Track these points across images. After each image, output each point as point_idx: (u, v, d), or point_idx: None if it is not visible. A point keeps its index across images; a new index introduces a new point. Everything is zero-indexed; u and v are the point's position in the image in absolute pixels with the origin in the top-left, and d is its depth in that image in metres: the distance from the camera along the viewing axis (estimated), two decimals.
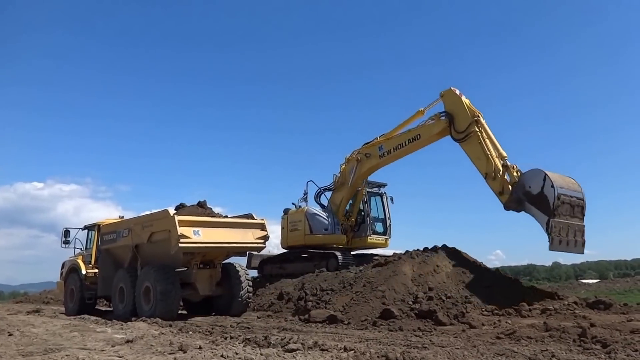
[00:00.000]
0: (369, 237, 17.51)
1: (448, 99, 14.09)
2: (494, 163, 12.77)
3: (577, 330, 7.50)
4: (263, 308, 13.71)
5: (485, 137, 13.17)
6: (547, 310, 10.11)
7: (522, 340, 7.23)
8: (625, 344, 6.49)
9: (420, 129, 14.86)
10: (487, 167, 12.85)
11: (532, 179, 11.73)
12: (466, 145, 13.42)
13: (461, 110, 13.61)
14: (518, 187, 12.05)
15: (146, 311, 11.35)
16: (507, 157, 12.81)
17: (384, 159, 15.89)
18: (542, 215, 11.34)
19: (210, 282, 12.48)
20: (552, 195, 11.08)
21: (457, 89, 14.02)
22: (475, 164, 13.24)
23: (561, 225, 11.08)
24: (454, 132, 13.70)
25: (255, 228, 12.43)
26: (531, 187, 11.68)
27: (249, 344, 6.64)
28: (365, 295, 11.24)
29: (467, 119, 13.40)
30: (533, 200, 11.59)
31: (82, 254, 15.41)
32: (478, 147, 13.11)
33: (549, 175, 11.31)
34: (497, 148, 13.05)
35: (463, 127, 13.46)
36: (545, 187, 11.28)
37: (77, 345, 6.92)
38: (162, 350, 6.25)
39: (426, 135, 14.65)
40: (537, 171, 11.65)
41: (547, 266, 67.21)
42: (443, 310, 9.93)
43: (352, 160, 16.88)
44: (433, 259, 12.38)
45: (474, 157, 13.25)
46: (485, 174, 12.88)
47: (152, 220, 11.97)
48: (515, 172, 12.47)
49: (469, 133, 13.30)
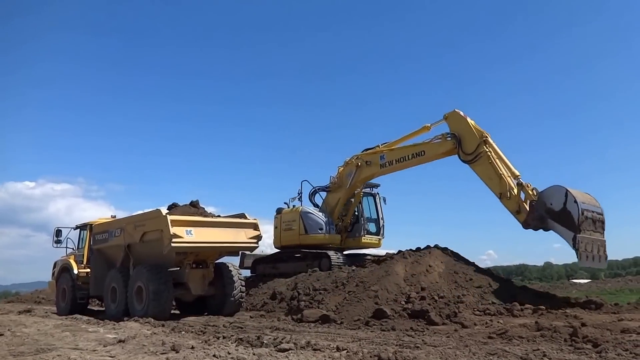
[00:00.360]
0: (362, 237, 17.54)
1: (453, 121, 13.98)
2: (507, 182, 12.61)
3: (568, 329, 7.56)
4: (256, 308, 13.70)
5: (495, 156, 13.04)
6: (539, 310, 10.19)
7: (514, 340, 7.27)
8: (616, 344, 6.55)
9: (425, 145, 14.70)
10: (501, 187, 12.66)
11: (553, 196, 11.63)
12: (477, 166, 13.24)
13: (468, 131, 13.51)
14: (539, 204, 11.93)
15: (138, 311, 11.29)
16: (520, 176, 12.71)
17: (384, 169, 15.81)
18: (567, 232, 11.26)
19: (203, 282, 12.44)
20: (576, 211, 11.03)
21: (461, 111, 13.89)
22: (487, 184, 13.06)
23: (586, 240, 11.03)
24: (462, 153, 13.54)
25: (248, 228, 12.42)
26: (553, 204, 11.60)
27: (241, 343, 6.64)
28: (358, 295, 11.26)
29: (476, 140, 13.26)
30: (556, 217, 11.52)
31: (74, 253, 15.31)
32: (489, 168, 12.94)
33: (571, 191, 11.26)
34: (509, 167, 12.93)
35: (471, 148, 13.31)
36: (568, 203, 11.23)
37: (69, 345, 6.87)
38: (154, 350, 6.22)
39: (431, 153, 14.52)
40: (558, 187, 11.56)
41: (539, 266, 67.75)
42: (435, 310, 9.97)
43: (351, 165, 16.82)
44: (425, 259, 12.44)
45: (486, 178, 13.07)
46: (500, 194, 12.68)
47: (145, 220, 11.92)
48: (530, 190, 12.34)
49: (478, 154, 13.13)
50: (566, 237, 11.34)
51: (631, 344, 6.52)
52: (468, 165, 13.47)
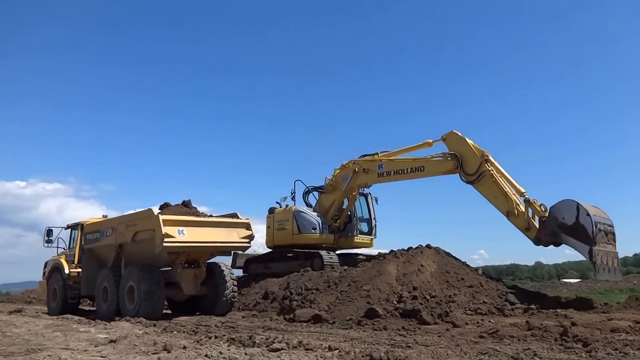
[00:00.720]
0: (355, 237, 17.56)
1: (452, 142, 13.94)
2: (513, 200, 12.56)
3: (558, 329, 7.63)
4: (248, 307, 13.68)
5: (498, 175, 12.97)
6: (530, 310, 10.27)
7: (504, 339, 7.33)
8: (606, 343, 6.63)
9: (425, 161, 14.64)
10: (508, 205, 12.59)
11: (564, 210, 11.60)
12: (480, 185, 13.15)
13: (468, 151, 13.46)
14: (550, 220, 11.87)
15: (130, 311, 11.24)
16: (525, 193, 12.64)
17: (381, 178, 15.76)
18: (582, 245, 11.23)
19: (195, 282, 12.40)
20: (589, 224, 11.01)
21: (459, 132, 13.84)
22: (493, 203, 12.95)
23: (602, 253, 11.06)
24: (464, 174, 13.47)
25: (240, 227, 12.40)
26: (565, 218, 11.56)
27: (233, 343, 6.63)
28: (350, 294, 11.28)
29: (477, 160, 13.20)
30: (569, 231, 11.49)
31: (65, 253, 15.21)
32: (494, 186, 12.88)
33: (582, 205, 11.24)
34: (513, 184, 12.87)
35: (473, 168, 13.24)
36: (581, 217, 11.21)
37: (60, 346, 6.83)
38: (145, 350, 6.19)
39: (430, 170, 14.47)
40: (569, 202, 11.54)
41: (529, 266, 68.21)
42: (427, 310, 10.01)
43: (348, 169, 16.78)
44: (417, 259, 12.48)
45: (491, 197, 12.97)
46: (507, 212, 12.58)
47: (136, 220, 11.87)
48: (538, 207, 12.28)
49: (481, 173, 13.05)
50: (582, 251, 11.29)
51: (620, 343, 6.61)
52: (471, 186, 13.35)
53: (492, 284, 12.11)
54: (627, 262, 69.76)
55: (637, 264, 59.91)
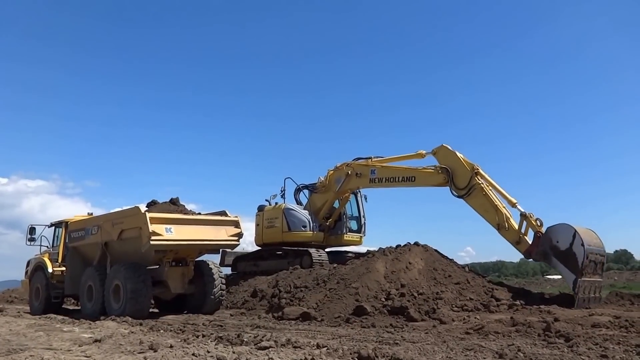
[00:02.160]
0: (344, 235, 17.61)
1: (442, 156, 14.01)
2: (504, 213, 12.59)
3: (542, 324, 7.77)
4: (236, 306, 13.64)
5: (488, 187, 13.02)
6: (514, 306, 10.42)
7: (490, 335, 7.44)
8: (587, 338, 6.77)
9: (417, 172, 14.68)
10: (498, 219, 12.61)
11: (560, 234, 11.57)
12: (471, 199, 13.19)
13: (459, 165, 13.52)
14: (545, 240, 11.86)
15: (115, 310, 11.13)
16: (517, 203, 12.65)
17: (373, 184, 15.81)
18: (569, 274, 11.27)
19: (183, 280, 12.32)
20: (581, 254, 10.99)
21: (449, 145, 13.90)
22: (484, 216, 12.98)
23: (586, 284, 11.13)
24: (455, 188, 13.51)
25: (228, 225, 12.35)
26: (559, 242, 11.54)
27: (221, 342, 6.60)
28: (338, 292, 11.32)
29: (467, 174, 13.25)
30: (560, 256, 11.50)
31: (48, 251, 14.99)
32: (484, 200, 12.91)
33: (579, 233, 11.20)
34: (504, 196, 12.90)
35: (464, 182, 13.28)
36: (575, 245, 11.18)
37: (43, 346, 6.73)
38: (131, 350, 6.13)
39: (421, 181, 14.54)
40: (567, 227, 11.49)
41: (515, 263, 69.13)
42: (415, 307, 10.09)
43: (341, 171, 16.77)
44: (406, 256, 12.56)
45: (482, 210, 13.00)
46: (498, 225, 12.61)
47: (123, 218, 11.74)
48: (534, 221, 12.23)
49: (472, 187, 13.10)
50: (567, 278, 11.39)
51: (601, 338, 6.75)
52: (462, 199, 13.40)
53: (478, 281, 12.24)
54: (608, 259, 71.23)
55: (617, 261, 61.09)
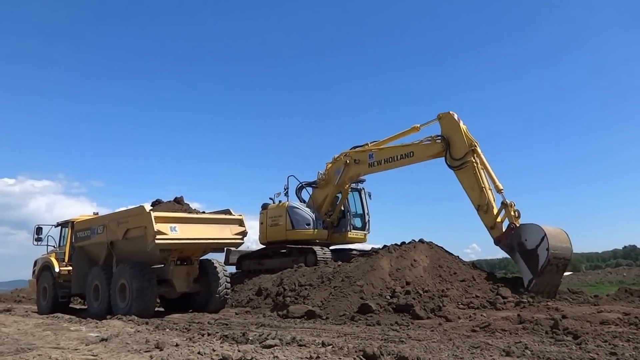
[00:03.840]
0: (348, 232, 17.58)
1: (446, 123, 13.85)
2: (487, 196, 12.66)
3: (549, 322, 7.69)
4: (241, 304, 13.65)
5: (481, 167, 13.03)
6: (521, 303, 10.35)
7: (496, 333, 7.38)
8: (595, 335, 6.70)
9: (414, 146, 14.63)
10: (481, 200, 12.71)
11: (530, 234, 11.69)
12: (461, 174, 13.25)
13: (459, 137, 13.44)
14: (514, 235, 11.99)
15: (122, 309, 11.18)
16: (503, 190, 12.63)
17: (373, 168, 15.73)
18: (527, 272, 11.52)
19: (188, 279, 12.35)
20: (544, 258, 11.19)
21: (456, 114, 13.75)
22: (468, 194, 13.10)
23: (540, 283, 11.36)
24: (450, 158, 13.50)
25: (233, 224, 12.35)
26: (527, 241, 11.68)
27: (226, 340, 6.60)
28: (343, 290, 11.29)
29: (464, 148, 13.22)
30: (524, 254, 11.70)
31: (55, 251, 15.08)
32: (473, 178, 12.95)
33: (548, 237, 11.30)
34: (494, 180, 12.88)
35: (459, 154, 13.26)
36: (540, 248, 11.34)
37: (50, 345, 6.76)
38: (137, 349, 6.14)
39: (420, 154, 14.45)
40: (538, 229, 11.59)
41: None
42: (420, 304, 10.05)
43: (339, 162, 16.74)
44: (410, 254, 12.51)
45: (468, 188, 13.10)
46: (478, 206, 12.76)
47: (128, 217, 11.77)
48: (513, 211, 12.29)
49: (465, 162, 13.12)
50: (525, 275, 11.67)
51: (610, 335, 6.67)
52: (453, 171, 13.45)
53: (484, 278, 12.18)
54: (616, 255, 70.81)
55: (626, 257, 60.72)
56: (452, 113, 13.85)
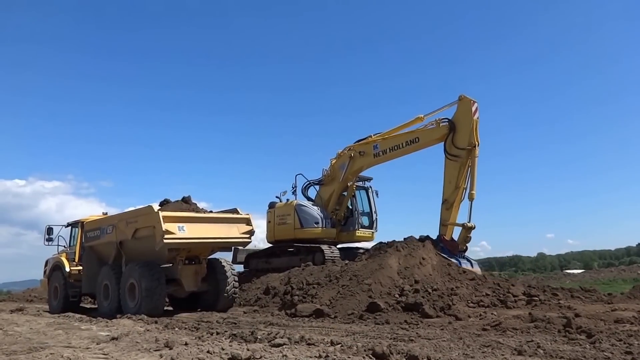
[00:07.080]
0: (356, 231, 17.52)
1: (463, 107, 13.77)
2: (457, 195, 13.20)
3: (562, 320, 7.58)
4: (249, 303, 13.66)
5: (468, 167, 13.35)
6: (533, 301, 10.24)
7: (507, 332, 7.29)
8: (610, 334, 6.58)
9: (419, 132, 14.71)
10: (451, 196, 13.17)
11: None
12: (449, 164, 13.53)
13: (467, 127, 13.47)
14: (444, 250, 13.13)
15: (131, 308, 11.23)
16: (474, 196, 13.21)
17: (378, 158, 15.75)
18: None
19: (196, 278, 12.37)
20: None
21: (477, 102, 13.67)
22: (444, 185, 13.58)
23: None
24: (450, 143, 13.63)
25: (240, 223, 12.34)
26: None
27: (235, 339, 6.58)
28: (351, 288, 11.24)
29: (466, 142, 13.35)
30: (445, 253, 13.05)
31: (65, 251, 15.20)
32: (455, 173, 13.28)
33: None
34: (473, 185, 13.24)
35: (460, 144, 13.43)
36: None
37: (62, 344, 6.80)
38: (147, 347, 6.16)
39: (425, 139, 14.51)
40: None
41: (532, 257, 68.35)
42: (429, 303, 9.97)
43: (344, 156, 16.72)
44: (419, 252, 12.44)
45: (447, 179, 13.53)
46: (445, 200, 13.27)
47: (137, 217, 11.81)
48: (465, 233, 13.38)
49: (458, 156, 13.35)
50: None
51: (625, 334, 6.56)
52: (444, 156, 13.72)
53: (494, 276, 12.09)
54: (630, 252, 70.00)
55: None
56: (474, 102, 13.67)
